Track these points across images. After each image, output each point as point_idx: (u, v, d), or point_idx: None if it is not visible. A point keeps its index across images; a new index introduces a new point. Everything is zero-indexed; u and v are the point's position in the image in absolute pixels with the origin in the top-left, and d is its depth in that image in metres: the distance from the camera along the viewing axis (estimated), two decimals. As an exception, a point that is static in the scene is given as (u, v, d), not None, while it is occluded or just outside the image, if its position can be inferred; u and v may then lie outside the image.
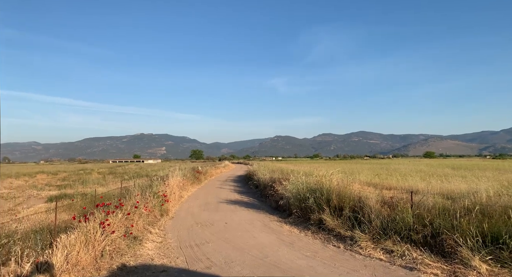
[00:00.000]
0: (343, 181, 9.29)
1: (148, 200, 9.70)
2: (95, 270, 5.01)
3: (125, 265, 5.35)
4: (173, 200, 12.20)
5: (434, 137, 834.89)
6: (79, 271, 4.76)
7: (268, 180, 15.20)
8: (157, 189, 11.03)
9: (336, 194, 8.12)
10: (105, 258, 5.49)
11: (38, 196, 17.31)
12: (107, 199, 8.60)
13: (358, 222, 6.94)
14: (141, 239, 6.99)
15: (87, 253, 5.20)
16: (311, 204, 8.39)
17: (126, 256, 5.87)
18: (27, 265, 4.07)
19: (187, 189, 16.50)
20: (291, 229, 8.08)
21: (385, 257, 5.56)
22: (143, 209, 8.70)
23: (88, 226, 5.74)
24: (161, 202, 10.39)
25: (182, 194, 14.63)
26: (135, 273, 5.01)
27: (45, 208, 12.26)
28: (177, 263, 5.54)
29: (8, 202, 15.19)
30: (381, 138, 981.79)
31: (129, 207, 7.96)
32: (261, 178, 16.93)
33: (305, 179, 10.09)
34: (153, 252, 6.23)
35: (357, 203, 7.52)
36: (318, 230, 7.60)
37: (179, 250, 6.42)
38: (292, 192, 9.75)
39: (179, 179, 15.75)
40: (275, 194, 11.98)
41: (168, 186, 13.10)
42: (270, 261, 5.57)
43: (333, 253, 6.02)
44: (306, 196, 8.78)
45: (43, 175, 35.45)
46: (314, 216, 8.10)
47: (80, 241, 5.30)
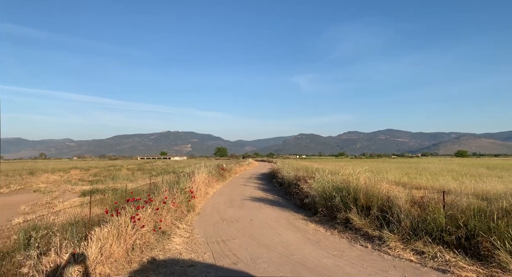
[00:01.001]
0: (370, 180, 9.09)
1: (176, 196, 9.93)
2: (127, 263, 5.20)
3: (155, 259, 5.52)
4: (199, 197, 12.44)
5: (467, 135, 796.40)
6: (112, 263, 4.96)
7: (292, 178, 15.13)
8: (184, 186, 11.27)
9: (363, 193, 7.96)
10: (135, 252, 5.69)
11: (72, 191, 18.17)
12: (137, 194, 8.89)
13: (386, 222, 6.77)
14: (169, 234, 7.18)
15: (119, 246, 5.40)
16: (337, 203, 8.28)
17: (155, 250, 6.05)
18: (65, 256, 4.29)
19: (212, 186, 16.75)
20: (316, 227, 8.01)
21: (416, 258, 5.39)
22: (171, 205, 8.92)
23: (119, 220, 5.96)
24: (188, 198, 10.61)
25: (208, 191, 14.87)
26: (164, 267, 5.16)
27: (79, 202, 12.85)
28: (204, 258, 5.64)
29: (45, 196, 16.06)
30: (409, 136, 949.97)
31: (157, 203, 8.17)
32: (285, 176, 16.88)
33: (331, 177, 9.96)
34: (181, 247, 6.38)
35: (386, 202, 7.34)
36: (345, 229, 7.49)
37: (206, 245, 6.54)
38: (317, 190, 9.66)
39: (205, 176, 16.02)
40: (300, 192, 11.90)
41: (194, 182, 13.37)
42: (296, 259, 5.55)
43: (361, 252, 5.91)
44: (332, 194, 8.67)
45: (76, 170, 37.12)
46: (340, 215, 7.99)
47: (113, 234, 5.50)
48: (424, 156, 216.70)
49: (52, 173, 31.63)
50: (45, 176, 28.98)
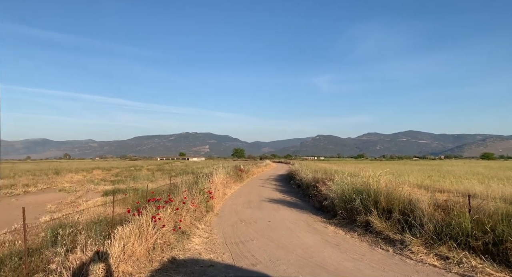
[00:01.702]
0: (391, 183, 8.90)
1: (195, 196, 10.06)
2: (148, 262, 5.31)
3: (175, 258, 5.61)
4: (217, 197, 12.54)
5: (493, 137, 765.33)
6: (134, 262, 5.07)
7: (311, 180, 15.02)
8: (202, 186, 11.41)
9: (384, 196, 7.80)
10: (156, 251, 5.80)
11: (95, 190, 18.74)
12: (157, 194, 9.08)
13: (408, 226, 6.61)
14: (188, 234, 7.28)
15: (140, 245, 5.52)
16: (357, 206, 8.15)
17: (175, 249, 6.15)
18: (90, 253, 4.43)
19: (230, 187, 16.86)
20: (336, 230, 7.91)
21: (440, 264, 5.22)
22: (190, 205, 9.05)
23: (141, 220, 6.09)
24: (207, 198, 10.72)
25: (226, 192, 14.97)
26: (184, 267, 5.24)
27: (101, 201, 13.24)
28: (224, 259, 5.69)
29: (70, 195, 16.64)
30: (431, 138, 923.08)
31: (177, 203, 8.30)
32: (303, 177, 16.77)
33: (351, 179, 9.82)
34: (200, 247, 6.45)
35: (407, 205, 7.16)
36: (365, 232, 7.36)
37: (225, 246, 6.58)
38: (336, 192, 9.54)
39: (223, 177, 16.15)
40: (319, 194, 11.80)
41: (213, 183, 13.50)
42: (315, 262, 5.50)
43: (382, 256, 5.79)
44: (352, 197, 8.54)
45: (99, 170, 38.23)
46: (360, 218, 7.86)
47: (134, 233, 5.63)
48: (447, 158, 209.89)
49: (76, 173, 32.72)
50: (69, 176, 30.01)
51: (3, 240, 6.85)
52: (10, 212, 11.94)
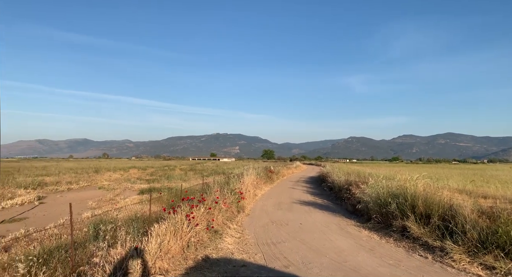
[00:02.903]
0: (430, 187, 8.50)
1: (226, 196, 10.20)
2: (183, 259, 5.46)
3: (209, 257, 5.71)
4: (248, 198, 12.62)
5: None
6: (170, 259, 5.23)
7: (343, 183, 14.70)
8: (233, 187, 11.54)
9: (422, 201, 7.46)
10: (191, 249, 5.95)
11: (131, 189, 19.53)
12: (191, 193, 9.31)
13: (449, 232, 6.28)
14: (221, 233, 7.39)
15: (175, 243, 5.69)
16: (393, 210, 7.86)
17: (208, 248, 6.27)
18: (129, 249, 4.63)
19: (260, 188, 16.90)
20: (370, 234, 7.68)
21: (485, 274, 4.90)
22: (222, 205, 9.18)
23: (176, 218, 6.27)
24: (238, 199, 10.83)
25: (256, 193, 15.03)
26: (217, 266, 5.32)
27: (138, 199, 13.78)
28: (256, 260, 5.71)
29: (108, 192, 17.48)
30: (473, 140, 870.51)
31: (210, 202, 8.45)
32: (335, 180, 16.45)
33: (386, 183, 9.49)
34: (232, 247, 6.53)
35: (448, 211, 6.81)
36: (401, 237, 7.08)
37: (256, 246, 6.61)
38: (371, 196, 9.26)
39: (253, 177, 16.23)
40: (352, 197, 11.52)
41: (243, 184, 13.61)
42: (349, 266, 5.38)
43: (420, 263, 5.53)
44: (387, 201, 8.25)
45: (135, 170, 39.83)
46: (396, 223, 7.58)
47: (170, 231, 5.81)
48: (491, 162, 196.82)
49: (114, 172, 34.31)
50: (108, 174, 31.53)
51: (51, 233, 7.33)
52: (55, 207, 12.76)
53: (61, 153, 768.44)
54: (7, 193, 16.00)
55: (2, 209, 12.32)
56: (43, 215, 11.13)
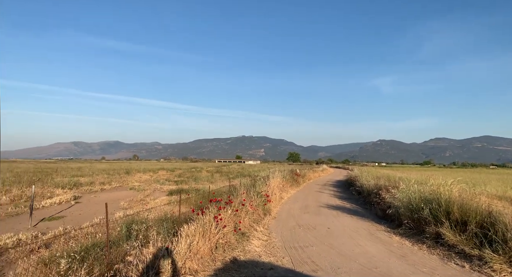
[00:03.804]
0: (466, 192, 8.11)
1: (252, 199, 10.23)
2: (212, 261, 5.54)
3: (236, 259, 5.76)
4: (274, 201, 12.60)
5: None
6: (199, 260, 5.32)
7: (372, 187, 14.32)
8: (259, 189, 11.56)
9: (457, 207, 7.12)
10: (219, 250, 6.02)
11: (161, 190, 20.07)
12: (218, 195, 9.43)
13: (488, 240, 5.94)
14: (248, 236, 7.42)
15: (204, 244, 5.78)
16: (425, 216, 7.56)
17: (236, 250, 6.31)
18: (161, 249, 4.76)
19: (286, 191, 16.82)
20: (401, 240, 7.42)
21: (528, 286, 4.61)
22: (249, 207, 9.22)
23: (204, 219, 6.37)
24: (264, 201, 10.83)
25: (282, 196, 14.97)
26: (245, 268, 5.35)
27: (167, 200, 14.13)
28: (283, 263, 5.68)
29: (139, 193, 18.06)
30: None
31: (236, 204, 8.52)
32: (364, 184, 16.05)
33: (418, 187, 9.15)
34: (260, 249, 6.54)
35: (486, 218, 6.45)
36: (435, 244, 6.78)
37: (284, 250, 6.58)
38: (402, 201, 8.96)
39: (279, 180, 16.18)
40: (381, 202, 11.20)
41: (269, 186, 13.60)
42: (380, 272, 5.22)
43: (457, 272, 5.28)
44: (420, 206, 7.95)
45: (163, 171, 40.88)
46: (429, 229, 7.27)
47: (199, 232, 5.91)
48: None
49: (144, 173, 35.39)
50: (138, 175, 32.57)
51: (86, 232, 7.68)
52: (90, 207, 13.35)
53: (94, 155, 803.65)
54: (46, 192, 16.95)
55: (42, 207, 13.06)
56: (79, 214, 11.68)
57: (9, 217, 10.97)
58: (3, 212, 11.68)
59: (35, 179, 22.39)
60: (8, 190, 16.65)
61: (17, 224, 9.78)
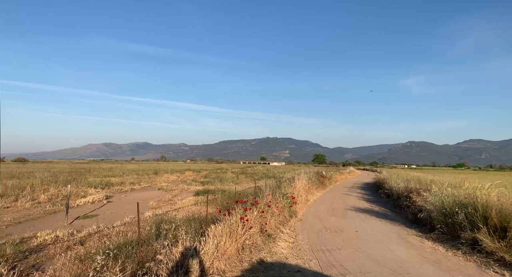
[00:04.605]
0: (505, 197, 7.66)
1: (278, 200, 10.19)
2: (239, 261, 5.57)
3: (263, 261, 5.75)
4: (300, 203, 12.48)
5: None
6: (226, 260, 5.37)
7: (402, 190, 13.85)
8: (285, 191, 11.49)
9: (496, 212, 6.73)
10: (245, 251, 6.05)
11: (187, 190, 20.45)
12: (244, 196, 9.47)
13: (530, 249, 5.58)
14: (274, 237, 7.40)
15: (231, 244, 5.82)
16: (460, 221, 7.21)
17: (263, 252, 6.31)
18: (190, 249, 4.85)
19: (312, 193, 16.62)
20: (434, 246, 7.12)
21: None
22: (275, 209, 9.19)
23: (231, 220, 6.43)
24: (290, 203, 10.76)
25: (308, 198, 14.81)
26: (272, 269, 5.33)
27: (193, 201, 14.38)
28: (311, 266, 5.61)
29: (167, 193, 18.50)
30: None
31: (262, 206, 8.52)
32: (393, 187, 15.56)
33: (452, 191, 8.76)
34: (286, 251, 6.50)
35: (529, 224, 6.06)
36: (472, 251, 6.45)
37: (311, 252, 6.50)
38: (434, 204, 8.60)
39: (305, 182, 16.01)
40: (412, 205, 10.81)
41: (295, 188, 13.49)
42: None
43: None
44: (454, 210, 7.59)
45: (190, 172, 41.64)
46: (465, 235, 6.93)
47: (225, 233, 5.96)
48: None
49: (171, 174, 36.21)
50: (166, 176, 33.36)
51: (118, 230, 7.96)
52: (121, 206, 13.83)
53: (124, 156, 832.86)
54: (80, 192, 17.76)
55: (77, 206, 13.68)
56: (111, 213, 12.12)
57: (47, 215, 11.57)
58: (42, 210, 12.35)
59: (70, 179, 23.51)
60: (46, 189, 17.60)
61: (55, 222, 10.30)
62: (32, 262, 6.12)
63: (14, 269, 5.49)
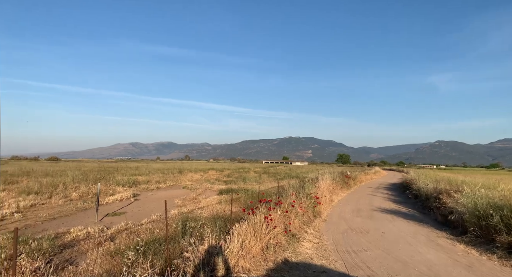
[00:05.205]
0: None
1: (302, 200, 10.12)
2: (263, 260, 5.58)
3: (288, 260, 5.73)
4: (324, 203, 12.33)
5: None
6: (251, 259, 5.40)
7: (431, 191, 13.37)
8: (309, 191, 11.38)
9: (535, 215, 6.38)
10: (270, 251, 6.05)
11: (211, 189, 20.72)
12: (267, 196, 9.47)
13: None
14: (298, 238, 7.36)
15: (256, 244, 5.84)
16: (495, 223, 6.87)
17: (287, 251, 6.29)
18: (216, 247, 4.92)
19: (336, 193, 16.38)
20: (467, 249, 6.82)
21: None
22: (299, 209, 9.14)
23: (255, 219, 6.44)
24: (314, 204, 10.66)
25: (332, 198, 14.61)
26: (297, 269, 5.30)
27: (217, 199, 14.56)
28: (336, 267, 5.53)
29: (191, 192, 18.82)
30: None
31: (286, 205, 8.49)
32: (422, 187, 15.05)
33: (485, 192, 8.36)
34: (311, 252, 6.44)
35: None
36: (508, 255, 6.13)
37: (336, 253, 6.41)
38: (466, 206, 8.24)
39: (329, 182, 15.79)
40: (442, 207, 10.42)
41: (319, 188, 13.33)
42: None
43: (535, 288, 4.72)
44: (488, 213, 7.24)
45: (213, 171, 42.16)
46: (501, 238, 6.59)
47: (250, 231, 5.98)
48: None
49: (195, 173, 36.81)
50: (190, 175, 33.95)
51: (146, 227, 8.19)
52: (148, 204, 14.22)
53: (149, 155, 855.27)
54: (109, 190, 18.43)
55: (106, 203, 14.20)
56: (138, 210, 12.49)
57: (79, 212, 12.09)
58: (74, 207, 12.92)
59: (99, 177, 24.43)
60: (77, 187, 18.40)
61: (86, 218, 10.74)
62: (67, 257, 6.42)
63: (50, 262, 5.77)
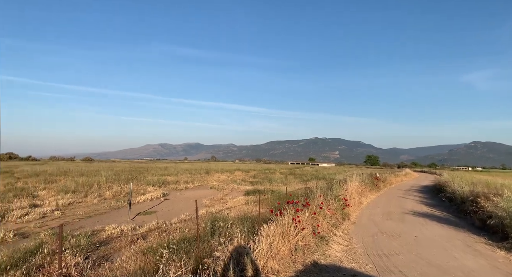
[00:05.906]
0: None
1: (330, 202, 9.98)
2: (292, 262, 5.57)
3: (317, 262, 5.68)
4: (353, 205, 12.09)
5: None
6: (280, 260, 5.40)
7: (467, 194, 12.74)
8: (337, 193, 11.20)
9: None
10: (298, 252, 6.02)
11: (238, 190, 20.90)
12: (294, 197, 9.42)
13: None
14: (327, 240, 7.27)
15: (284, 245, 5.84)
16: (540, 230, 6.45)
17: (316, 253, 6.23)
18: (245, 247, 4.96)
19: (365, 196, 15.99)
20: (508, 256, 6.45)
21: None
22: (327, 211, 9.02)
23: (283, 220, 6.43)
24: (342, 206, 10.48)
25: (361, 200, 14.29)
26: (326, 272, 5.24)
27: (244, 200, 14.66)
28: (367, 270, 5.42)
29: (218, 192, 19.09)
30: None
31: (314, 207, 8.40)
32: (457, 190, 14.38)
33: (528, 196, 7.87)
34: (340, 254, 6.34)
35: None
36: (555, 265, 5.74)
37: (366, 257, 6.27)
38: (507, 211, 7.79)
39: (357, 184, 15.45)
40: (479, 211, 9.90)
41: (347, 190, 13.07)
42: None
43: None
44: (532, 218, 6.82)
45: (239, 172, 42.50)
46: (546, 246, 6.19)
47: (278, 233, 5.98)
48: None
49: (221, 173, 37.27)
50: (217, 175, 34.42)
51: (175, 227, 8.40)
52: (177, 203, 14.58)
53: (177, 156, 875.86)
54: (140, 189, 19.08)
55: (137, 203, 14.72)
56: (168, 210, 12.84)
57: (112, 210, 12.61)
58: (108, 206, 13.50)
59: (131, 177, 25.35)
60: (110, 186, 19.20)
61: (119, 217, 11.18)
62: (102, 253, 6.72)
63: (88, 258, 6.07)
